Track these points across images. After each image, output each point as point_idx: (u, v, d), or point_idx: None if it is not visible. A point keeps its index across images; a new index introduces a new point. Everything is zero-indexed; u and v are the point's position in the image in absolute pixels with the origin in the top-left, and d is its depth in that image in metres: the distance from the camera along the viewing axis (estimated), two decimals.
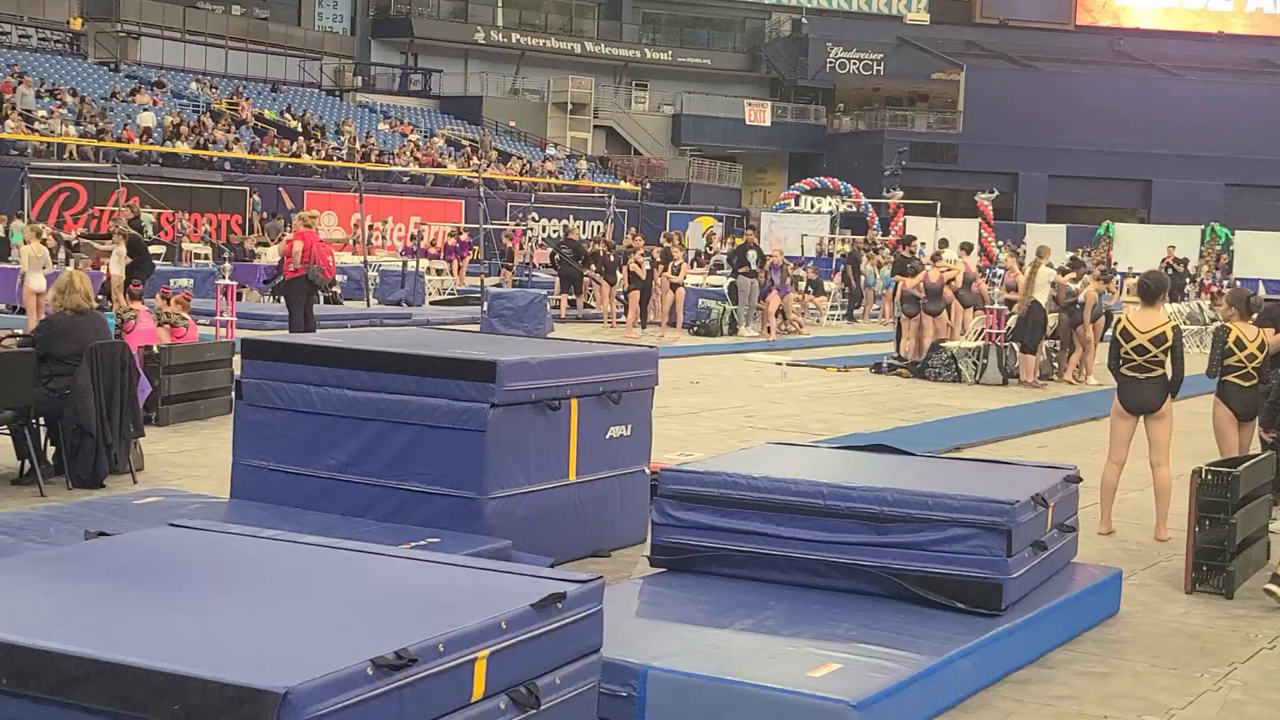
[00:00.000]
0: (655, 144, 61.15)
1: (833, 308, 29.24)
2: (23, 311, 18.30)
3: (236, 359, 13.11)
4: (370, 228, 37.37)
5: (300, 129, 46.64)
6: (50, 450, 9.61)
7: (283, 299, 18.72)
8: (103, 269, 19.27)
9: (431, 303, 28.10)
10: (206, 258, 32.93)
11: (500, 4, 61.97)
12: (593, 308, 26.82)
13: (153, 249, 23.68)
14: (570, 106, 59.24)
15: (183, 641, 3.84)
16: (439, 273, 31.83)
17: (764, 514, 6.78)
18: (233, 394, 12.68)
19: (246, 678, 3.51)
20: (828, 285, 29.68)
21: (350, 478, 7.64)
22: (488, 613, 4.21)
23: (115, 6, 51.14)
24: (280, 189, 38.83)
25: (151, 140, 40.54)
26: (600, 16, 64.50)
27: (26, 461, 9.27)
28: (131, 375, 9.56)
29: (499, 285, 27.92)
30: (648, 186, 53.46)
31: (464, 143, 51.78)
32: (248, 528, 5.35)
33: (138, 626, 3.97)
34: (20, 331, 10.40)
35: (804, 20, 64.00)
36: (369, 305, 26.10)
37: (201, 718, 3.50)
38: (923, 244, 28.84)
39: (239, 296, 17.83)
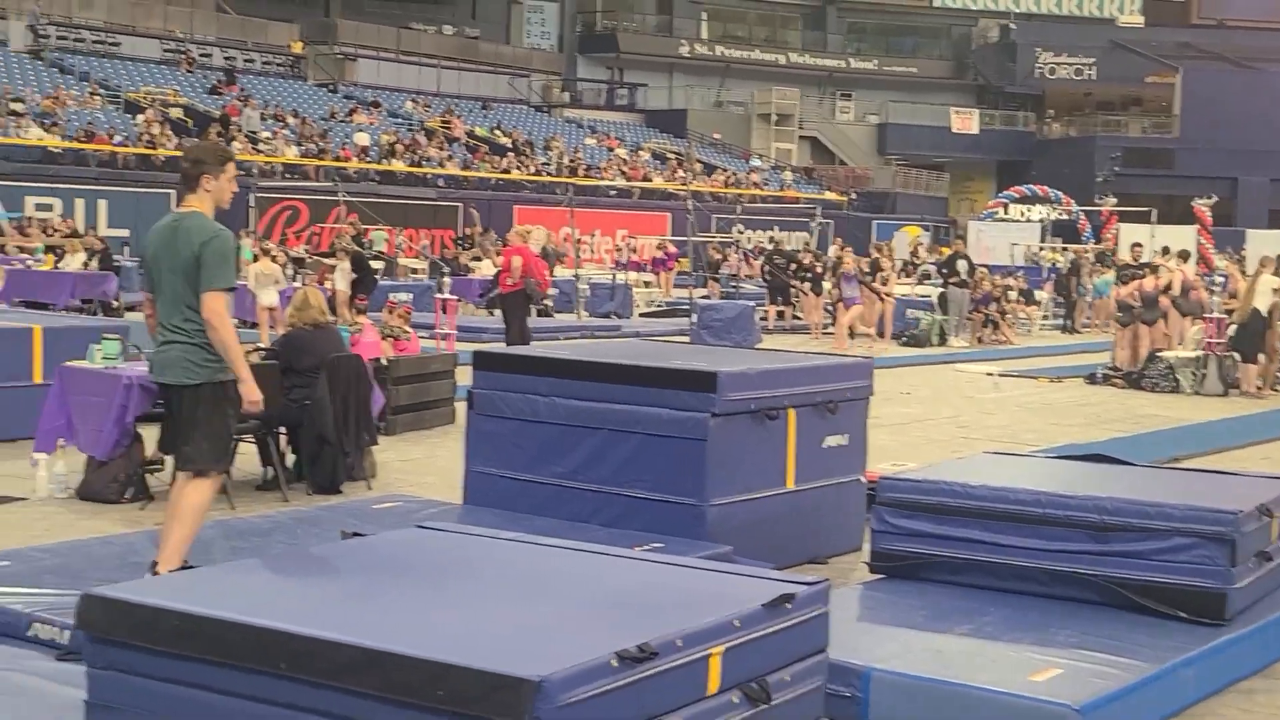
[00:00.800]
0: (860, 154, 60.95)
1: (1044, 317, 28.85)
2: (254, 326, 19.14)
3: (459, 371, 13.70)
4: (578, 241, 38.04)
5: (510, 145, 47.69)
6: (290, 458, 10.11)
7: (499, 312, 19.26)
8: (327, 284, 20.07)
9: (640, 315, 28.52)
10: (422, 272, 33.95)
11: (705, 17, 62.48)
12: (800, 319, 26.93)
13: (374, 264, 24.51)
14: (775, 118, 59.40)
15: (441, 633, 4.13)
16: (647, 285, 32.28)
17: (983, 522, 6.88)
18: (453, 404, 13.38)
19: (504, 666, 3.77)
20: (1039, 294, 29.29)
21: (576, 484, 7.93)
22: (721, 611, 4.42)
23: (333, 30, 53.03)
24: (471, 209, 39.78)
25: (368, 158, 41.89)
26: (805, 27, 64.54)
27: (270, 468, 9.79)
28: (366, 386, 10.03)
29: (707, 297, 28.20)
30: (853, 196, 53.31)
31: (669, 156, 52.31)
32: (489, 530, 5.65)
33: (399, 618, 4.28)
34: (263, 345, 10.99)
35: (1012, 25, 63.13)
36: (579, 318, 26.61)
37: (463, 703, 3.77)
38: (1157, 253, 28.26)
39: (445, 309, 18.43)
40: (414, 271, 33.80)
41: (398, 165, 42.01)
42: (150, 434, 9.52)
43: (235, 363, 6.51)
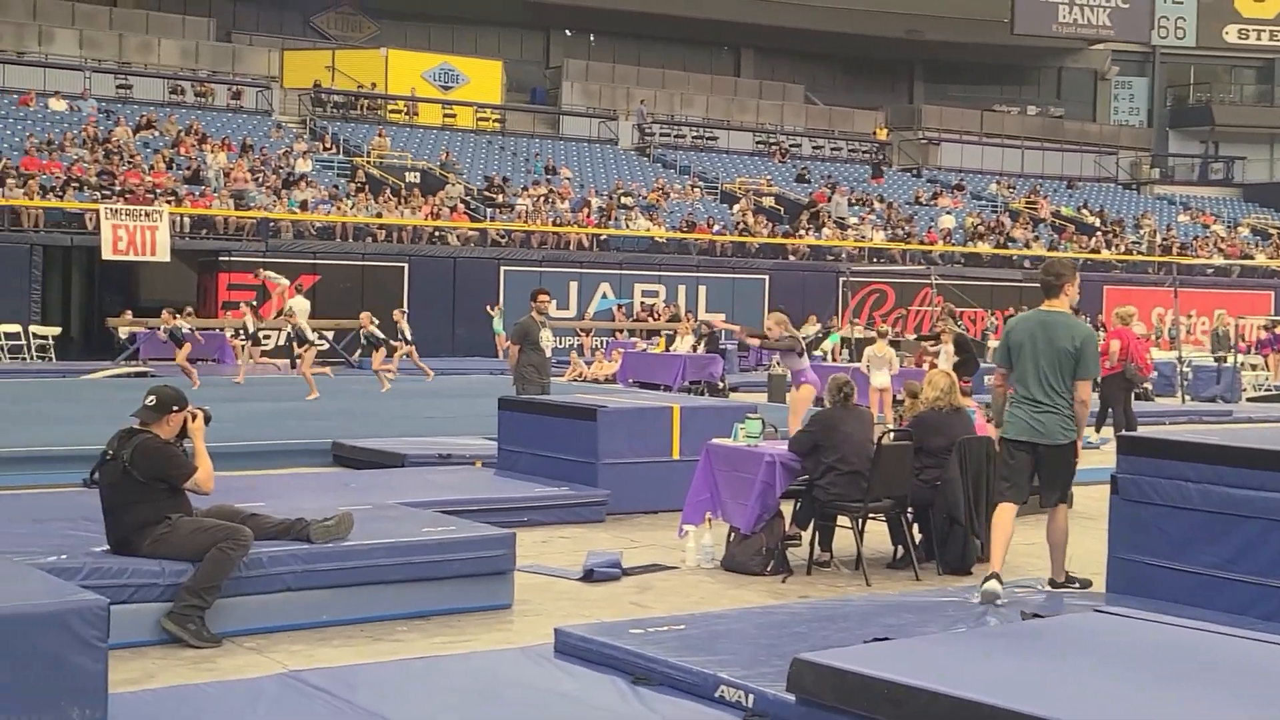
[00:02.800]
0: None
1: None
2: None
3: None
4: (1175, 322, 36.53)
5: (1098, 224, 46.63)
6: (916, 537, 10.25)
7: (1098, 395, 18.79)
8: (924, 366, 20.27)
9: (1249, 399, 27.03)
10: None
11: None
12: None
13: None
14: None
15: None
16: (1253, 368, 30.60)
17: None
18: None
19: None
20: None
21: (1229, 575, 7.62)
22: None
23: (917, 116, 53.80)
24: None
25: (953, 241, 42.09)
26: None
27: (900, 547, 9.99)
28: (996, 469, 10.05)
29: None
30: None
31: (1271, 231, 49.49)
32: (1170, 617, 5.55)
33: (1106, 703, 4.28)
34: (892, 426, 11.25)
35: None
36: (1182, 402, 25.55)
37: None
38: None
39: None
40: None
41: (983, 248, 41.97)
42: (789, 509, 9.97)
43: (1083, 430, 8.48)
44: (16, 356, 28.09)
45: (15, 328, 28.02)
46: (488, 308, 32.10)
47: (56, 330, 29.84)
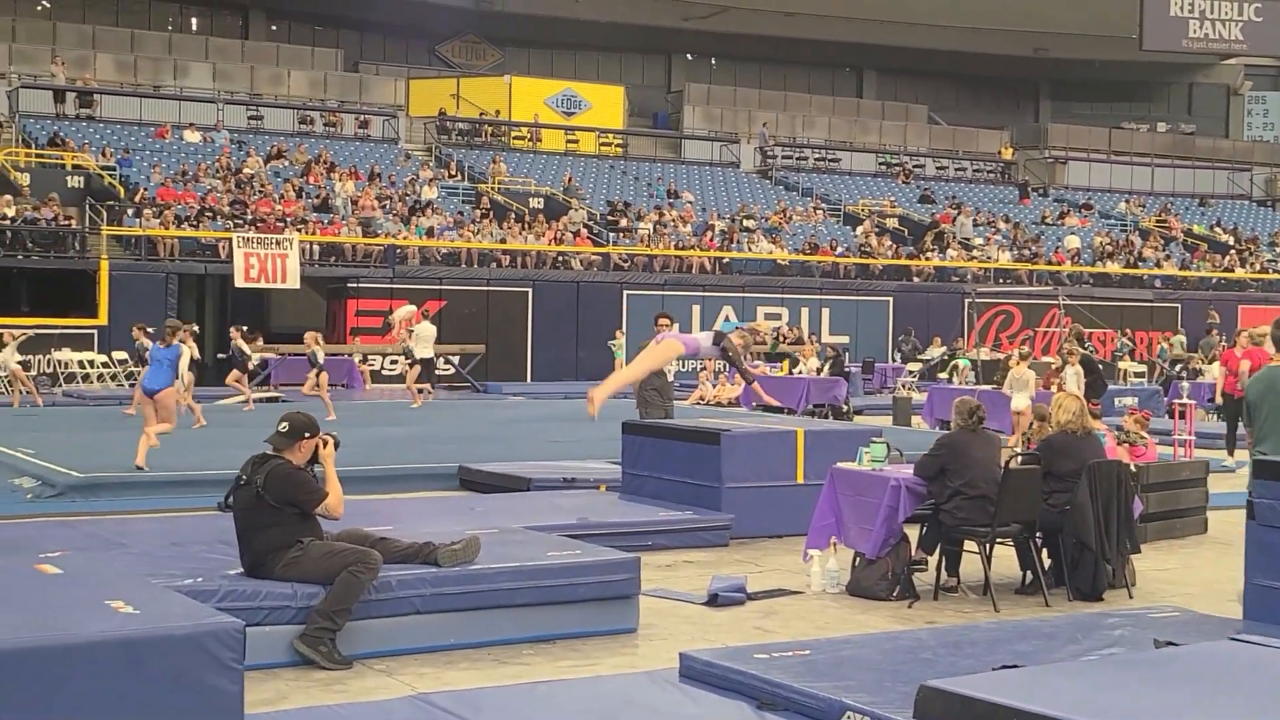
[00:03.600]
0: None
1: None
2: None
3: (1209, 479, 13.23)
4: None
5: (1231, 242, 45.68)
6: (1045, 562, 10.10)
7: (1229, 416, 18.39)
8: (1052, 388, 19.94)
9: None
10: (1142, 376, 33.10)
11: None
12: None
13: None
14: None
15: None
16: None
17: None
18: (1205, 514, 12.92)
19: None
20: None
21: None
22: None
23: (1043, 135, 53.16)
24: (1210, 310, 38.20)
25: (1080, 261, 41.47)
26: None
27: (1028, 573, 9.85)
28: (1128, 493, 9.89)
29: None
30: None
31: None
32: None
33: None
34: (1020, 450, 11.08)
35: None
36: None
37: None
38: None
39: (1182, 415, 17.77)
40: (1135, 375, 33.00)
41: (1112, 267, 41.31)
42: (915, 534, 9.88)
43: None
44: None
45: None
46: (610, 343, 32.27)
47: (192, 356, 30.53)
